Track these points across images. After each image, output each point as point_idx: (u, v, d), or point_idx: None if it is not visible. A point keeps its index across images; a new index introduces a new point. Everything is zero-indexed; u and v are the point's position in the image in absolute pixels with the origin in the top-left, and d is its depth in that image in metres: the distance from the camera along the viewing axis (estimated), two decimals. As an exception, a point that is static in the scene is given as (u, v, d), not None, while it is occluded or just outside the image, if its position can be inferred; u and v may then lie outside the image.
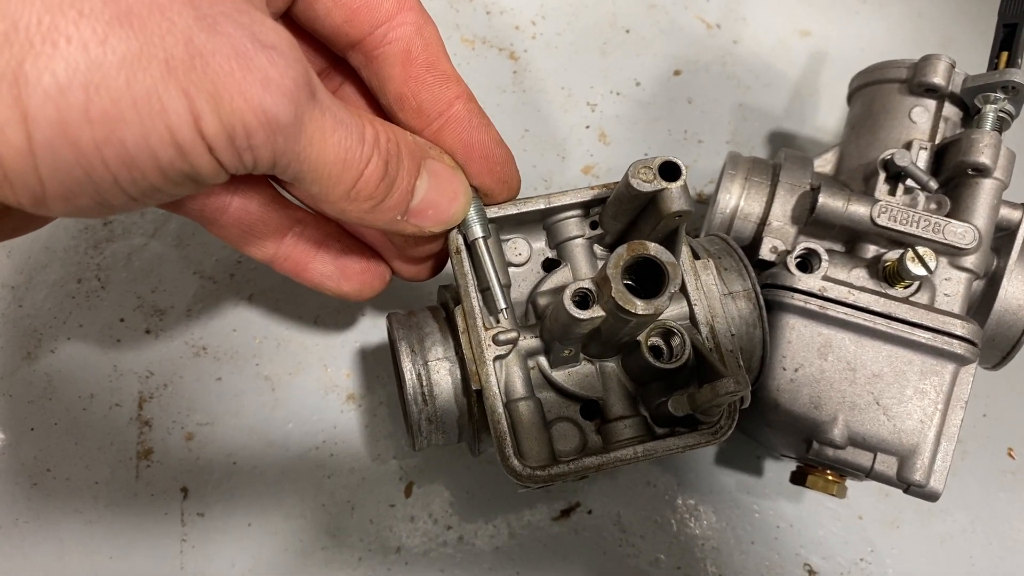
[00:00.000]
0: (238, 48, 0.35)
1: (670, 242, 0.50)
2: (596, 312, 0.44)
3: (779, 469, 0.72)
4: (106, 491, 0.66)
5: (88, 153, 0.33)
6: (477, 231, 0.51)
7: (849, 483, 0.63)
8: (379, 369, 0.71)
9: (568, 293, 0.44)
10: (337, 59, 0.52)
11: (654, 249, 0.44)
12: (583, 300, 0.45)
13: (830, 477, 0.61)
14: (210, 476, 0.67)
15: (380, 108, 0.51)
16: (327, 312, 0.72)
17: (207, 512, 0.67)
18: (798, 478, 0.63)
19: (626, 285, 0.43)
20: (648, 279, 0.45)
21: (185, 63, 0.33)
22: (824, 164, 0.67)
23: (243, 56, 0.35)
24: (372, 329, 0.72)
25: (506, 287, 0.53)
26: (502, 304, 0.50)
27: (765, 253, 0.62)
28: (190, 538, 0.66)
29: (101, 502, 0.66)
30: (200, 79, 0.34)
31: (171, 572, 0.65)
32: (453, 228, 0.51)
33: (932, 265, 0.56)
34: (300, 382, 0.70)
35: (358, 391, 0.71)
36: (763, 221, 0.63)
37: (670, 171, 0.48)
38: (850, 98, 0.70)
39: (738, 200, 0.64)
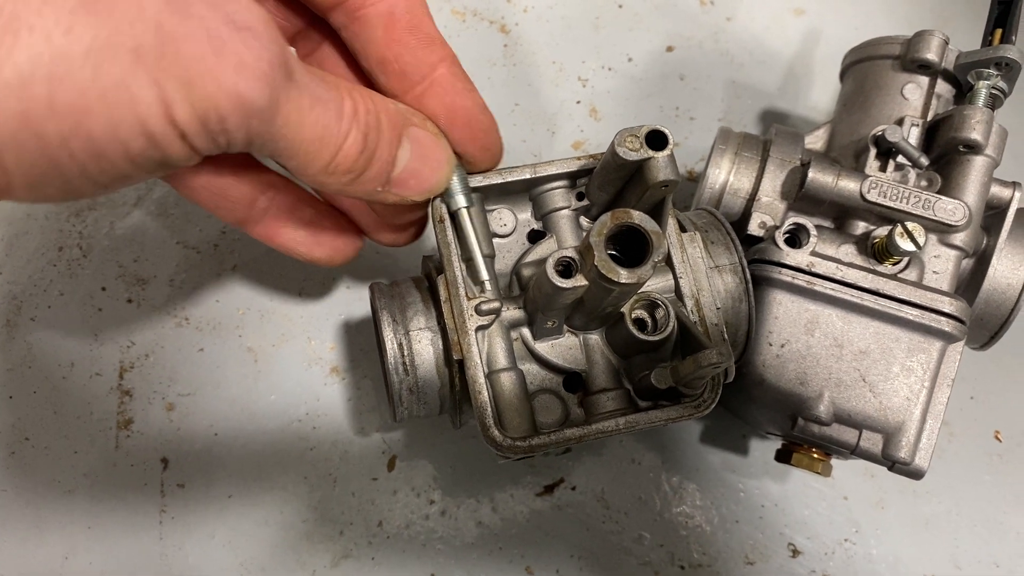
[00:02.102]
0: (211, 31, 0.34)
1: (656, 213, 0.50)
2: (579, 281, 0.44)
3: (764, 449, 0.71)
4: (85, 460, 0.66)
5: (54, 145, 0.32)
6: (460, 200, 0.50)
7: (834, 463, 0.63)
8: (363, 342, 0.70)
9: (551, 262, 0.44)
10: (317, 18, 0.51)
11: (638, 217, 0.43)
12: (566, 269, 0.44)
13: (815, 455, 0.61)
14: (191, 447, 0.67)
15: (361, 70, 0.50)
16: (311, 284, 0.72)
17: (187, 483, 0.66)
18: (783, 456, 0.62)
19: (610, 255, 0.43)
20: (632, 249, 0.45)
21: (155, 50, 0.33)
22: (815, 141, 0.66)
23: (216, 39, 0.34)
24: (357, 302, 0.72)
25: (490, 258, 0.52)
26: (484, 275, 0.50)
27: (754, 228, 0.61)
28: (170, 509, 0.65)
29: (80, 471, 0.66)
30: (171, 66, 0.33)
31: (150, 542, 0.64)
32: (436, 196, 0.50)
33: (921, 241, 0.55)
34: (283, 354, 0.70)
35: (342, 364, 0.70)
36: (752, 197, 0.62)
37: (657, 140, 0.47)
38: (843, 75, 0.69)
39: (727, 175, 0.63)
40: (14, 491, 0.65)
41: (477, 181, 0.52)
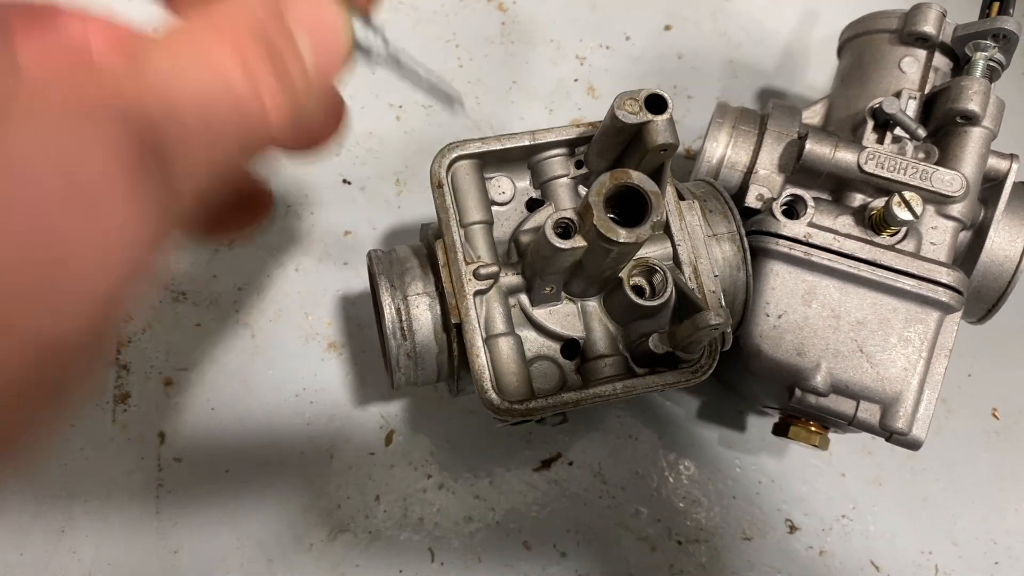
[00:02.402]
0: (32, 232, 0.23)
1: (655, 179, 0.49)
2: (578, 242, 0.44)
3: (762, 425, 0.71)
4: (82, 434, 0.66)
5: None
6: (369, 36, 0.40)
7: (832, 439, 0.63)
8: (361, 317, 0.70)
9: (550, 222, 0.44)
10: None
11: (637, 178, 0.43)
12: (565, 230, 0.44)
13: (813, 428, 0.61)
14: (188, 422, 0.67)
15: None
16: (308, 260, 0.71)
17: (184, 458, 0.66)
18: (780, 429, 0.62)
19: (609, 218, 0.43)
20: (631, 213, 0.45)
21: None
22: (813, 116, 0.66)
23: (52, 243, 0.24)
24: (354, 278, 0.71)
25: (487, 224, 0.52)
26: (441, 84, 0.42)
27: (751, 201, 0.61)
28: (166, 483, 0.65)
29: (76, 445, 0.65)
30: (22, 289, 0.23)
31: (146, 516, 0.64)
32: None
33: (918, 210, 0.55)
34: (280, 330, 0.70)
35: (339, 340, 0.70)
36: (750, 170, 0.62)
37: (656, 103, 0.47)
38: (840, 49, 0.69)
39: (725, 149, 0.63)
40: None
41: (476, 148, 0.52)
